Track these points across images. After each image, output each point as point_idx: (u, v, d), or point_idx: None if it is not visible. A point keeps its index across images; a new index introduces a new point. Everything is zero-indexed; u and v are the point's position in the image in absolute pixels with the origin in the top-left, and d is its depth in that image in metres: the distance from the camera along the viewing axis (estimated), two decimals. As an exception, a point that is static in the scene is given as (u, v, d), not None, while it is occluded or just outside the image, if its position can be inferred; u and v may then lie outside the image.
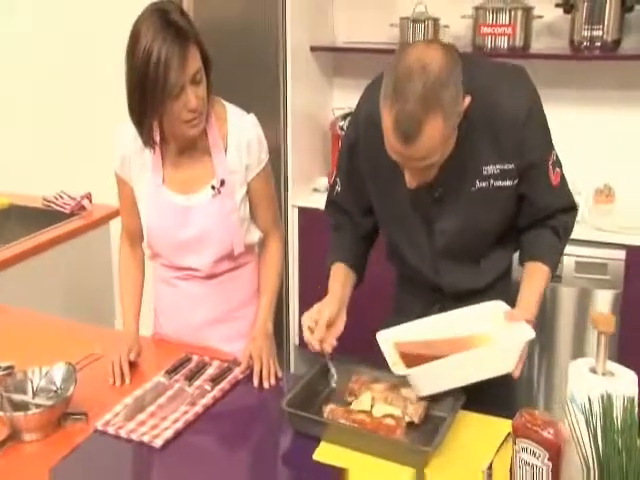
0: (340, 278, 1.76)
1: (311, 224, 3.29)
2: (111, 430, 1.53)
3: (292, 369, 3.41)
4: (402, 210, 1.70)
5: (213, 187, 1.86)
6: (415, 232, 1.73)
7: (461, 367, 1.50)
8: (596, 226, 2.91)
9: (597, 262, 2.91)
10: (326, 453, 1.49)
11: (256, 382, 1.75)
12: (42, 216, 3.09)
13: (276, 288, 2.01)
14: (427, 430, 1.56)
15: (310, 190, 3.49)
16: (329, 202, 1.89)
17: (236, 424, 1.62)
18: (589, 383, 1.17)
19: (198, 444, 1.53)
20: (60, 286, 2.95)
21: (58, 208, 3.18)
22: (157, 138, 1.84)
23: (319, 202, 3.14)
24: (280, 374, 1.81)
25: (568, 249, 1.80)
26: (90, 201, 3.22)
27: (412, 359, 1.53)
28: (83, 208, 3.19)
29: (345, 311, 1.70)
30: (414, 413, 1.58)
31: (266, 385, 1.75)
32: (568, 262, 2.89)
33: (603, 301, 2.94)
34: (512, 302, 1.63)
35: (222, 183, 1.86)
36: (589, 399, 1.10)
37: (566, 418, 1.19)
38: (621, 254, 2.88)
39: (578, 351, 3.00)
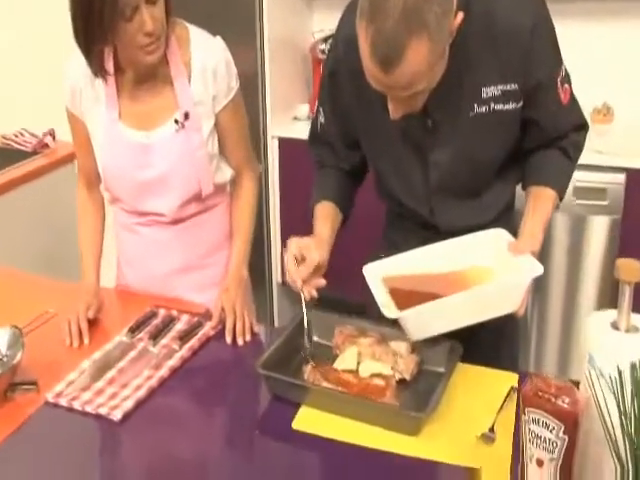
0: (326, 218, 1.57)
1: (293, 156, 3.08)
2: (63, 402, 1.35)
3: (275, 309, 3.25)
4: (391, 142, 1.50)
5: (176, 121, 1.65)
6: (407, 166, 1.53)
7: (460, 308, 1.32)
8: (594, 148, 2.71)
9: (595, 187, 2.73)
10: (306, 420, 1.32)
11: (229, 339, 1.58)
12: (0, 156, 2.87)
13: (250, 231, 1.81)
14: (420, 389, 1.40)
15: (290, 119, 3.26)
16: (312, 136, 1.68)
17: (207, 389, 1.45)
18: (612, 342, 0.99)
19: (162, 415, 1.36)
20: (20, 232, 2.74)
21: (18, 147, 2.97)
22: (111, 67, 1.61)
23: (301, 132, 2.95)
24: (257, 328, 1.63)
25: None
26: (54, 138, 3.01)
27: (404, 297, 1.36)
28: (46, 146, 2.98)
29: (329, 253, 1.50)
30: (405, 369, 1.41)
31: (240, 342, 1.57)
32: (563, 187, 2.71)
33: (599, 228, 2.78)
34: (516, 235, 1.46)
35: (186, 116, 1.65)
36: (618, 369, 0.92)
37: (584, 384, 1.02)
38: (620, 178, 2.70)
39: (572, 286, 2.86)
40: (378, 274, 1.44)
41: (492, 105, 1.38)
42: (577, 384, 1.05)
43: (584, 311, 2.88)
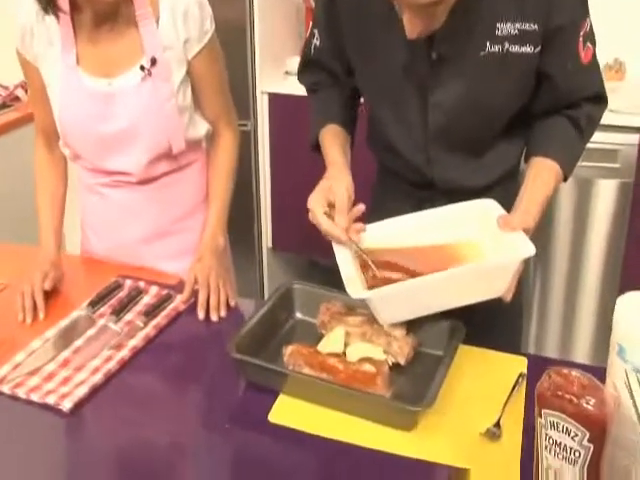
0: (338, 142, 1.38)
1: (284, 113, 2.88)
2: (6, 389, 1.18)
3: (266, 278, 3.07)
4: (391, 76, 1.31)
5: (142, 68, 1.46)
6: (405, 105, 1.34)
7: (436, 291, 1.14)
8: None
9: (605, 148, 2.54)
10: (285, 412, 1.15)
11: (201, 314, 1.40)
12: (-34, 109, 2.67)
13: (228, 193, 1.63)
14: (416, 375, 1.22)
15: (282, 74, 3.06)
16: (305, 62, 1.50)
17: (174, 373, 1.27)
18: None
19: (122, 403, 1.19)
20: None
21: (-14, 99, 2.76)
22: (65, 3, 1.40)
23: (292, 87, 2.76)
24: (234, 302, 1.45)
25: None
26: (26, 91, 2.79)
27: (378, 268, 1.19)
28: (17, 99, 2.77)
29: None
30: (399, 352, 1.23)
31: (214, 318, 1.40)
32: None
33: (608, 192, 2.61)
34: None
35: (153, 62, 1.46)
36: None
37: (612, 380, 0.85)
38: (633, 138, 2.53)
39: (576, 258, 2.69)
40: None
41: (506, 45, 1.19)
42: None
43: (589, 287, 2.71)
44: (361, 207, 1.26)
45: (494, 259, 1.18)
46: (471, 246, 1.24)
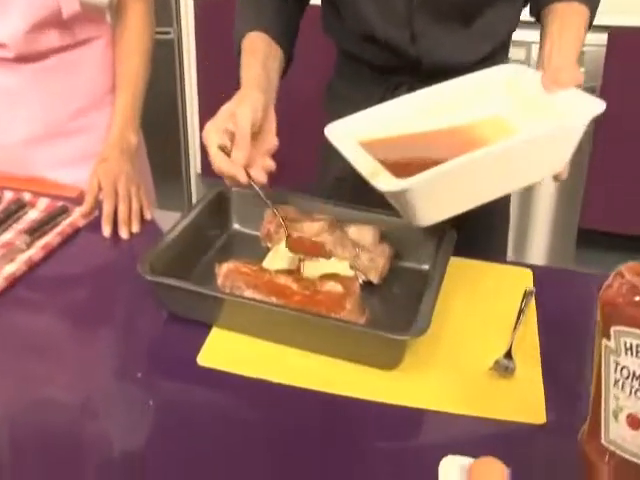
0: (260, 55, 1.02)
1: (212, 18, 2.51)
2: None
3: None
4: None
5: None
6: None
7: (495, 169, 0.83)
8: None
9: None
10: (219, 351, 0.83)
11: (106, 230, 1.06)
12: None
13: (142, 80, 1.27)
14: (394, 297, 0.93)
15: (208, -28, 2.65)
16: None
17: (71, 309, 0.94)
18: None
19: (1, 354, 0.85)
20: None
21: None
22: None
23: (220, -15, 2.39)
24: (150, 215, 1.12)
25: (533, 36, 1.14)
26: None
27: (395, 170, 0.85)
28: None
29: (274, 109, 0.98)
30: (371, 267, 0.93)
31: (124, 234, 1.06)
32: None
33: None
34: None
35: None
36: None
37: None
38: (601, 39, 2.25)
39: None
40: (349, 135, 0.92)
41: None
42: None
43: (544, 203, 2.46)
44: (273, 141, 0.94)
45: (561, 121, 0.87)
46: (498, 123, 0.94)
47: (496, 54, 1.14)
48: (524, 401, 0.77)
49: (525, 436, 0.74)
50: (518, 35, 1.20)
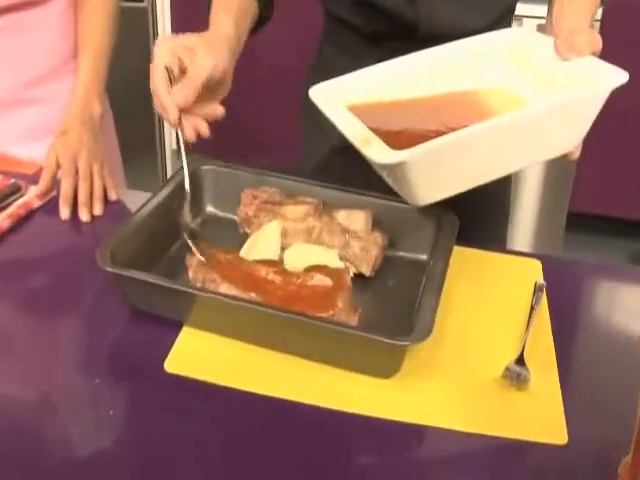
0: (228, 8, 0.89)
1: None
2: None
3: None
4: None
5: None
6: None
7: (503, 143, 0.71)
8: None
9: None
10: (189, 356, 0.72)
11: (64, 213, 0.94)
12: None
13: (106, 44, 1.15)
14: (390, 292, 0.82)
15: None
16: None
17: (20, 301, 0.82)
18: None
19: None
20: None
21: None
22: None
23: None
24: (114, 195, 1.00)
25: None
26: None
27: (388, 139, 0.74)
28: None
29: (233, 65, 0.86)
30: (363, 257, 0.82)
31: (84, 217, 0.94)
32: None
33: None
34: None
35: None
36: None
37: None
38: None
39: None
40: (337, 97, 0.81)
41: None
42: None
43: (532, 185, 2.36)
44: (220, 110, 0.84)
45: (581, 91, 0.76)
46: (502, 92, 0.83)
47: (500, 22, 1.03)
48: (541, 416, 0.67)
49: (542, 458, 0.64)
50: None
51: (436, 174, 0.71)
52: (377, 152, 0.68)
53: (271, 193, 0.88)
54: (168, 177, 2.62)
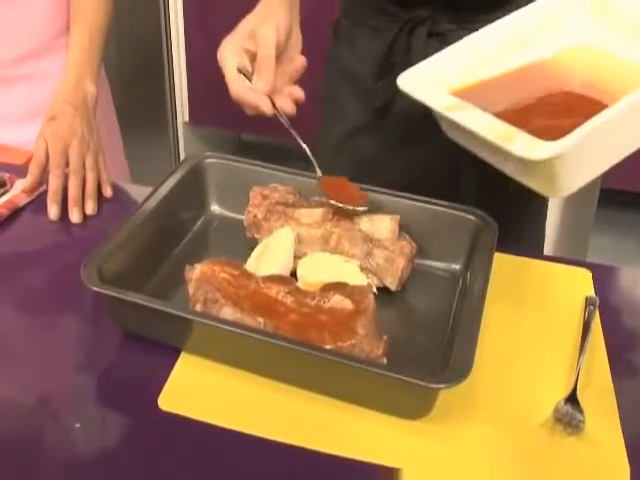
0: None
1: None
2: None
3: (182, 158, 2.47)
4: None
5: None
6: None
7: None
8: None
9: None
10: (186, 390, 0.63)
11: (52, 211, 0.84)
12: None
13: (102, 17, 1.04)
14: (419, 310, 0.72)
15: None
16: None
17: (4, 310, 0.73)
18: None
19: None
20: None
21: None
22: None
23: None
24: (109, 191, 0.90)
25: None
26: None
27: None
28: None
29: (297, 17, 0.80)
30: (388, 270, 0.72)
31: (75, 218, 0.84)
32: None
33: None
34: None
35: None
36: None
37: None
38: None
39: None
40: (437, 83, 0.69)
41: None
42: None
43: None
44: (301, 60, 0.77)
45: None
46: (595, 53, 0.72)
47: None
48: (600, 466, 0.57)
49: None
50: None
51: (583, 160, 0.60)
52: (528, 147, 0.57)
53: (283, 192, 0.77)
54: (180, 150, 2.52)
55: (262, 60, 0.73)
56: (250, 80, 0.73)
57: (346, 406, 0.61)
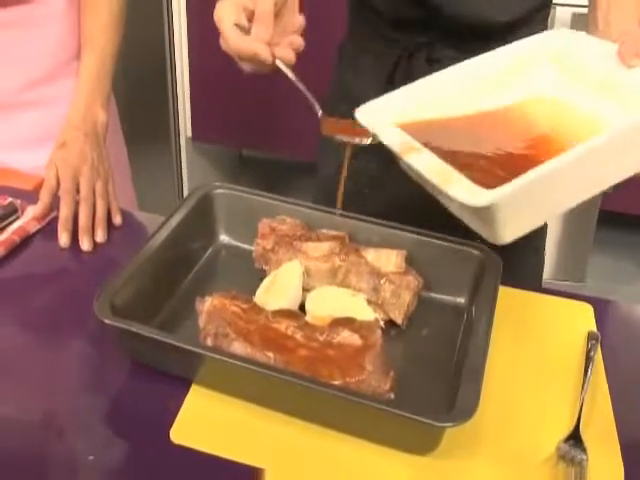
0: None
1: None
2: None
3: (185, 176, 2.48)
4: None
5: None
6: None
7: (587, 169, 0.61)
8: None
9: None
10: (199, 423, 0.64)
11: (63, 239, 0.86)
12: None
13: (112, 43, 1.05)
14: (425, 344, 0.73)
15: None
16: None
17: (9, 348, 0.74)
18: None
19: None
20: None
21: None
22: None
23: None
24: (119, 219, 0.91)
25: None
26: None
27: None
28: None
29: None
30: (394, 305, 0.73)
31: (85, 246, 0.86)
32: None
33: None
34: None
35: None
36: None
37: None
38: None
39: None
40: (386, 118, 0.70)
41: None
42: None
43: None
44: (299, 19, 0.75)
45: None
46: (552, 104, 0.73)
47: (536, 17, 0.94)
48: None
49: None
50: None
51: (525, 209, 0.61)
52: (464, 192, 0.58)
53: (291, 225, 0.79)
54: (183, 165, 2.54)
55: (261, 14, 0.71)
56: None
57: (353, 440, 0.62)
